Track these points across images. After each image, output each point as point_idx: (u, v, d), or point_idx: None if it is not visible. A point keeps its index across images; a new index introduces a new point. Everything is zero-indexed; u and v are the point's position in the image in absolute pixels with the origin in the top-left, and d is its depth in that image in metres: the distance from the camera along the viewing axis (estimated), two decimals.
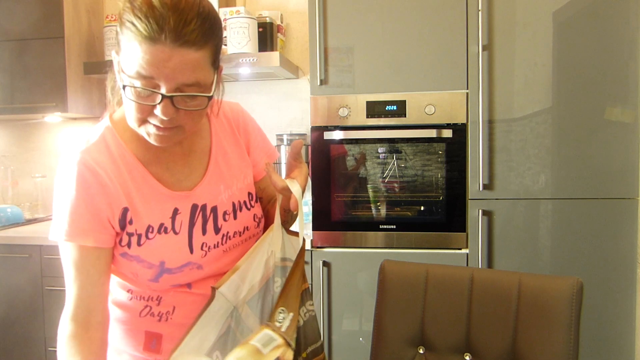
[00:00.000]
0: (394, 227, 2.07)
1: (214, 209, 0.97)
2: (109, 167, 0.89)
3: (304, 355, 0.94)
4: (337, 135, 2.08)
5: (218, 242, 0.97)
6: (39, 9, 2.49)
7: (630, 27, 1.88)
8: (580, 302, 1.08)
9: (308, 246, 2.10)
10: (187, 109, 0.82)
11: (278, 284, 0.96)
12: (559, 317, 1.08)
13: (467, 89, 1.99)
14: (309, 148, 2.17)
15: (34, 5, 2.49)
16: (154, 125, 0.83)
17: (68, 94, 2.51)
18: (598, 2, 1.89)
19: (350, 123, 2.07)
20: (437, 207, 2.06)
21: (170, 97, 0.79)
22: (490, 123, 1.97)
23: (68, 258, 0.89)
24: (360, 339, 2.10)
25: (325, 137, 2.09)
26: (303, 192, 0.96)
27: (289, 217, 1.04)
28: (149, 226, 0.91)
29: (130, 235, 0.90)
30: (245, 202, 1.02)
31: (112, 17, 2.53)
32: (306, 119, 2.64)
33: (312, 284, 2.09)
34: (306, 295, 0.97)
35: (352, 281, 2.08)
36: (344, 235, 2.10)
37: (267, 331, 0.87)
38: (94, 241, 0.88)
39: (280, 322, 0.89)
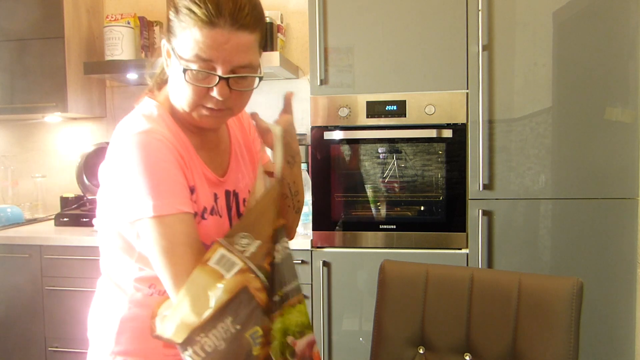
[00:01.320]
0: (394, 227, 2.07)
1: (236, 195, 1.00)
2: (174, 143, 0.89)
3: (279, 293, 0.87)
4: (337, 135, 2.08)
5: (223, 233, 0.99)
6: (39, 9, 2.49)
7: (630, 27, 1.88)
8: (580, 302, 1.08)
9: (308, 246, 2.10)
10: (240, 89, 0.88)
11: None
12: (559, 317, 1.08)
13: (467, 89, 1.99)
14: (309, 148, 2.17)
15: (34, 5, 2.49)
16: (208, 107, 0.88)
17: (68, 94, 2.51)
18: (598, 2, 1.89)
19: (350, 123, 2.07)
20: (437, 207, 2.06)
21: (227, 79, 0.85)
22: (490, 123, 1.97)
23: (169, 235, 0.82)
24: (360, 339, 2.10)
25: (325, 137, 2.09)
26: (293, 146, 1.01)
27: (289, 203, 1.04)
28: (205, 207, 0.92)
29: (194, 215, 0.89)
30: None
31: (112, 17, 2.53)
32: (306, 119, 2.63)
33: (312, 284, 2.09)
34: (281, 231, 0.92)
35: (352, 281, 2.08)
36: (344, 235, 2.10)
37: (223, 252, 0.82)
38: (191, 208, 0.85)
39: (243, 247, 0.84)
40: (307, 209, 2.17)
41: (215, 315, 0.78)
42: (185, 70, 0.84)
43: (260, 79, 0.90)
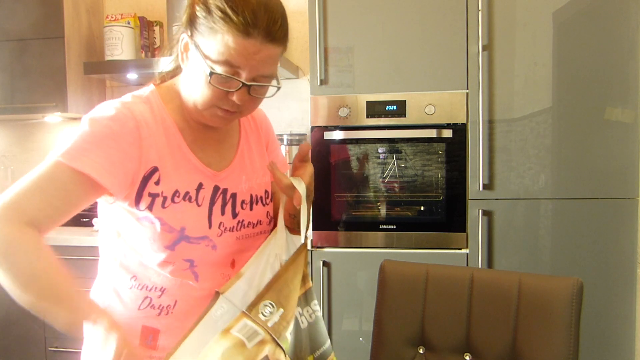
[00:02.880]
0: (394, 227, 2.07)
1: (234, 195, 1.00)
2: (150, 123, 0.91)
3: (310, 358, 0.90)
4: (337, 135, 2.08)
5: (234, 227, 0.99)
6: (39, 9, 2.49)
7: (630, 27, 1.88)
8: (580, 302, 1.08)
9: (308, 246, 2.09)
10: (258, 96, 0.90)
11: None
12: (559, 317, 1.08)
13: (467, 89, 1.99)
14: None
15: (34, 5, 2.49)
16: (223, 109, 0.89)
17: (68, 94, 2.51)
18: (598, 2, 1.89)
19: (350, 123, 2.07)
20: (437, 207, 2.06)
21: (249, 86, 0.87)
22: (490, 123, 1.97)
23: (51, 173, 0.83)
24: (360, 339, 2.10)
25: (325, 137, 2.09)
26: (310, 191, 0.96)
27: (294, 224, 1.04)
28: (177, 191, 0.92)
29: (154, 196, 0.90)
30: (261, 197, 1.05)
31: (112, 17, 2.53)
32: (306, 119, 2.64)
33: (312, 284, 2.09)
34: (310, 295, 0.94)
35: (352, 281, 2.08)
36: (344, 235, 2.10)
37: (247, 321, 0.82)
38: (105, 180, 0.83)
39: (266, 316, 0.84)
40: None
41: None
42: (212, 74, 0.85)
43: (279, 89, 0.92)
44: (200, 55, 0.86)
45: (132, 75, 2.54)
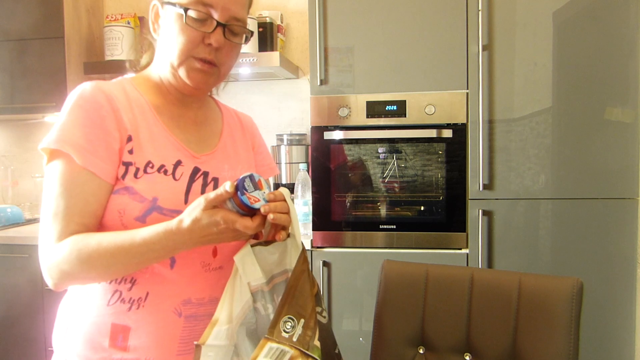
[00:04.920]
0: (394, 227, 2.07)
1: (215, 180, 0.98)
2: (121, 100, 0.91)
3: (337, 350, 0.89)
4: (337, 135, 2.08)
5: None
6: (39, 9, 2.49)
7: (630, 27, 1.88)
8: (580, 302, 1.08)
9: (308, 246, 2.10)
10: (233, 41, 0.93)
11: (270, 310, 0.90)
12: (559, 317, 1.08)
13: (467, 89, 1.99)
14: (309, 148, 2.17)
15: (34, 5, 2.49)
16: (199, 59, 0.91)
17: (68, 94, 2.51)
18: (598, 2, 1.89)
19: (350, 123, 2.07)
20: (437, 207, 2.06)
21: (223, 26, 0.90)
22: (490, 123, 1.97)
23: (56, 175, 0.86)
24: (360, 339, 2.10)
25: (325, 137, 2.09)
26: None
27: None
28: (149, 162, 0.90)
29: (127, 165, 0.88)
30: None
31: (112, 17, 2.53)
32: (306, 119, 2.64)
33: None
34: (319, 295, 0.93)
35: (352, 281, 2.08)
36: (344, 235, 2.10)
37: (271, 345, 0.81)
38: (95, 167, 0.85)
39: (289, 332, 0.83)
40: (307, 209, 2.17)
41: None
42: (186, 10, 0.88)
43: (251, 34, 0.96)
44: (173, 5, 0.90)
45: (132, 76, 2.54)
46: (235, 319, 0.88)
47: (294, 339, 0.83)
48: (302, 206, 2.18)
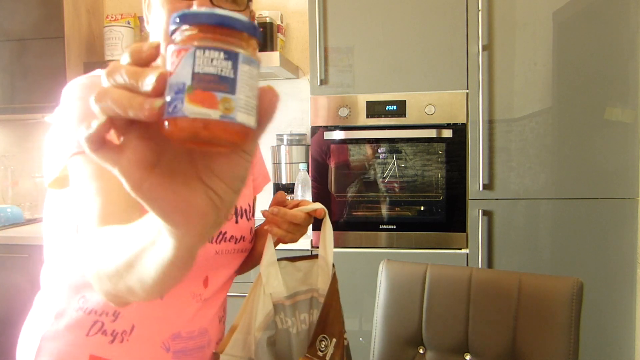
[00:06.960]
0: (394, 227, 2.07)
1: None
2: None
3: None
4: (337, 135, 2.08)
5: (213, 238, 0.90)
6: (39, 9, 2.49)
7: (630, 27, 1.88)
8: (580, 302, 1.08)
9: (308, 246, 2.10)
10: (224, 8, 0.83)
11: (289, 324, 0.91)
12: (559, 317, 1.08)
13: (467, 89, 1.99)
14: (309, 148, 2.17)
15: (34, 5, 2.49)
16: None
17: None
18: (598, 2, 1.89)
19: (350, 123, 2.07)
20: (437, 207, 2.06)
21: None
22: (490, 123, 1.97)
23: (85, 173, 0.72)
24: (360, 339, 2.09)
25: (325, 137, 2.09)
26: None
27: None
28: None
29: None
30: (246, 210, 0.98)
31: (112, 17, 2.53)
32: (306, 119, 2.64)
33: None
34: (343, 320, 0.95)
35: (352, 281, 2.08)
36: (344, 235, 2.10)
37: None
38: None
39: (323, 351, 0.84)
40: None
41: None
42: None
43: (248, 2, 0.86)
44: None
45: None
46: (256, 330, 0.88)
47: (328, 357, 0.86)
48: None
